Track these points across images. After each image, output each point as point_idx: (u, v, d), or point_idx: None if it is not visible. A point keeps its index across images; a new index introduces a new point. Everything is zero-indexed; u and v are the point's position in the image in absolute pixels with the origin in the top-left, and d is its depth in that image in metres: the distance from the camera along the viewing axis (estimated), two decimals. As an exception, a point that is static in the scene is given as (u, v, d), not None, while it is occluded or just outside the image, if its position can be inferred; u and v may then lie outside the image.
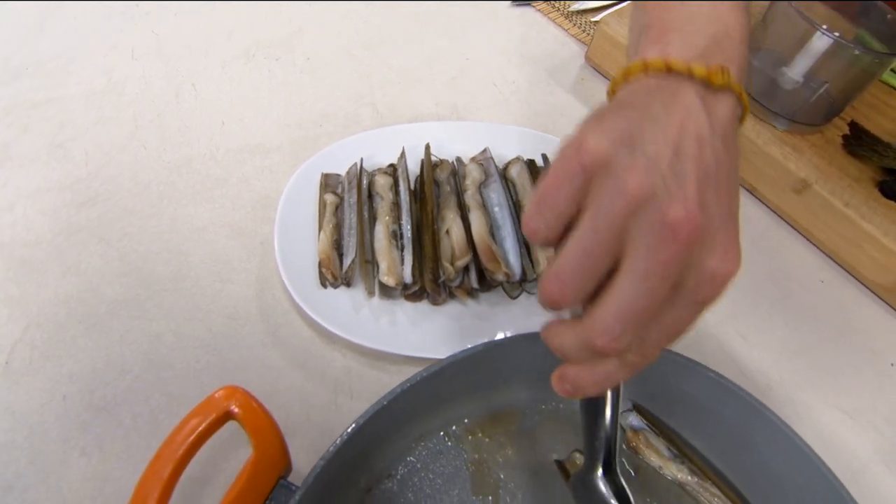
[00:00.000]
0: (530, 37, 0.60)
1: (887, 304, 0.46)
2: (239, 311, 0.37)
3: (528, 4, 0.63)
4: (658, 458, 0.32)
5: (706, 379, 0.31)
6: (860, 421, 0.40)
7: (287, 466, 0.26)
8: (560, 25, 0.62)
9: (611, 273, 0.20)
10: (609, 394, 0.24)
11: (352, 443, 0.26)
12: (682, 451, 0.32)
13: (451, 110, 0.51)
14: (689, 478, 0.31)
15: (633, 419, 0.33)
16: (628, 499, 0.25)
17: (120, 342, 0.35)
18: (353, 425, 0.26)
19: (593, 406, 0.25)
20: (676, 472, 0.32)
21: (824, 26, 0.44)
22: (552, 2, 0.63)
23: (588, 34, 0.60)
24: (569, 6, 0.63)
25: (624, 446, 0.33)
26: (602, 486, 0.25)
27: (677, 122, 0.20)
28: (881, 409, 0.40)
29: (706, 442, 0.33)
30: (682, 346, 0.26)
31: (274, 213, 0.38)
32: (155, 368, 0.34)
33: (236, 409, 0.25)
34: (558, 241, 0.21)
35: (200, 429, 0.25)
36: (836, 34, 0.44)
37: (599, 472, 0.25)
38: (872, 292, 0.46)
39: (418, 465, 0.32)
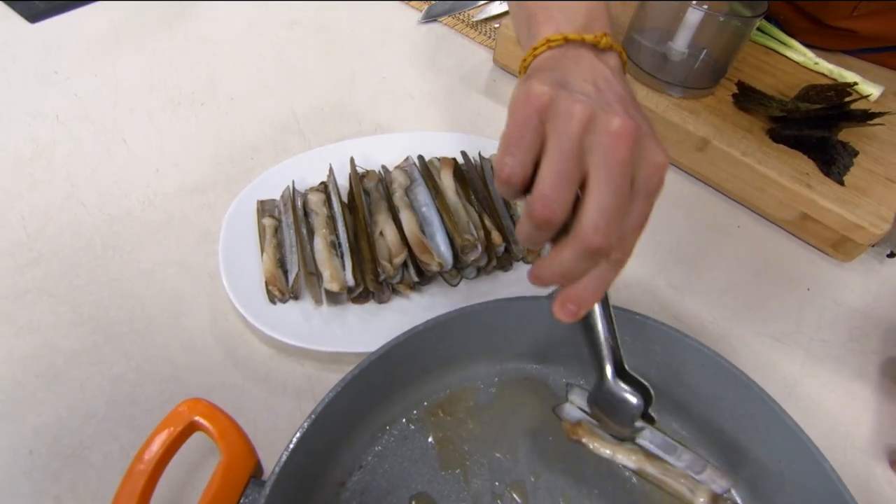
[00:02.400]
0: (441, 49, 0.64)
1: (795, 236, 0.50)
2: (196, 341, 0.38)
3: (435, 20, 0.67)
4: (606, 446, 0.32)
5: (648, 327, 0.34)
6: (788, 343, 0.44)
7: (257, 467, 0.28)
8: (466, 35, 0.66)
9: (582, 188, 0.24)
10: (599, 307, 0.28)
11: (313, 433, 0.28)
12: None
13: (374, 126, 0.54)
14: (645, 463, 0.32)
15: (570, 410, 0.32)
16: (645, 386, 0.28)
17: (81, 389, 0.35)
18: (312, 415, 0.28)
19: (591, 322, 0.28)
20: (630, 457, 0.31)
21: (694, 2, 0.49)
22: (456, 14, 0.68)
23: (493, 39, 0.65)
24: (472, 16, 0.67)
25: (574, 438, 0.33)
26: (619, 386, 0.28)
27: (588, 70, 0.27)
28: (805, 329, 0.44)
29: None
30: (619, 302, 0.29)
31: (216, 247, 0.40)
32: (120, 408, 0.35)
33: (200, 419, 0.27)
34: (527, 181, 0.25)
35: (168, 441, 0.26)
36: (705, 7, 0.49)
37: (610, 375, 0.28)
38: (782, 228, 0.51)
39: (386, 453, 0.34)
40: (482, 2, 0.69)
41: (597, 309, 0.28)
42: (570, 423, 0.32)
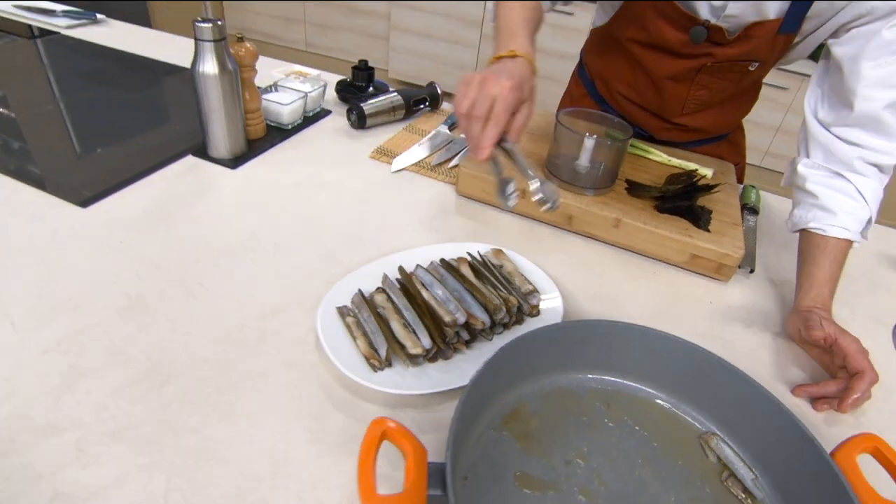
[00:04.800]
0: (414, 188, 0.85)
1: (690, 270, 0.74)
2: (321, 411, 0.50)
3: (403, 169, 0.89)
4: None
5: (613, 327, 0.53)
6: (709, 337, 0.64)
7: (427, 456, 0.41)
8: (428, 176, 0.88)
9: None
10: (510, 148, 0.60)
11: (456, 433, 0.42)
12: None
13: (390, 247, 0.71)
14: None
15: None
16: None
17: (249, 461, 0.46)
18: (454, 422, 0.42)
19: (511, 153, 0.61)
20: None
21: (586, 134, 0.76)
22: (417, 164, 0.90)
23: (448, 177, 0.88)
24: (430, 162, 0.91)
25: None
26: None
27: (502, 65, 0.61)
28: (717, 326, 0.66)
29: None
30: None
31: (310, 347, 0.54)
32: (283, 466, 0.45)
33: (388, 426, 0.40)
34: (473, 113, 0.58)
35: (374, 438, 0.39)
36: (595, 136, 0.76)
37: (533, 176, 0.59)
38: (681, 267, 0.74)
39: (486, 451, 0.47)
40: (432, 154, 0.93)
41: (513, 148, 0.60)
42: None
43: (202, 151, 0.88)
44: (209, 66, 0.78)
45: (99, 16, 1.44)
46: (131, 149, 0.88)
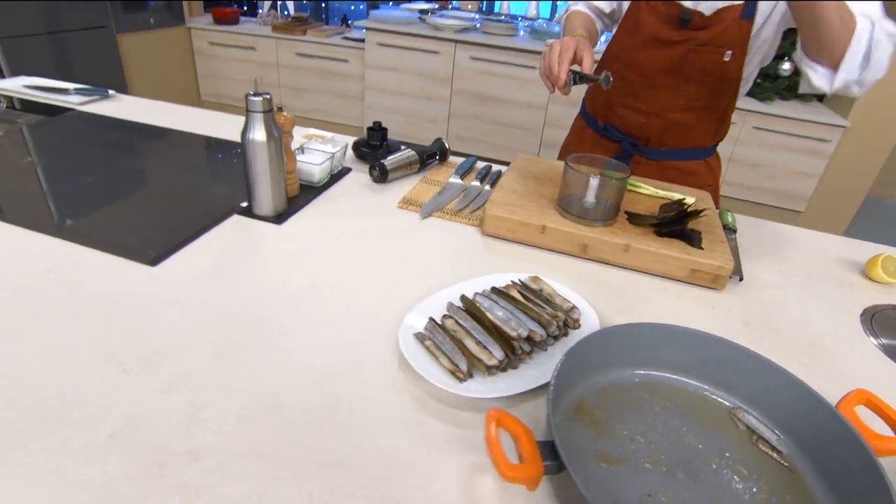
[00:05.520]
0: (444, 232, 0.96)
1: (692, 283, 0.87)
2: (420, 421, 0.59)
3: (430, 216, 1.01)
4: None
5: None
6: (725, 331, 0.77)
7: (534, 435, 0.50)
8: (454, 220, 1.00)
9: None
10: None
11: (556, 384, 0.51)
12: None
13: (440, 282, 0.82)
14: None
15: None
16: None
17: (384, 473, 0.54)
18: (550, 401, 0.52)
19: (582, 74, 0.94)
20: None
21: (591, 175, 0.90)
22: (441, 211, 1.02)
23: (470, 220, 1.00)
24: (453, 209, 1.03)
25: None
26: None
27: (570, 39, 0.94)
28: (723, 325, 0.78)
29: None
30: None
31: (393, 370, 0.64)
32: (400, 475, 0.54)
33: (501, 415, 0.50)
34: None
35: (493, 425, 0.48)
36: (599, 175, 0.90)
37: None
38: (683, 281, 0.88)
39: (563, 435, 0.57)
40: (451, 201, 1.05)
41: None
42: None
43: (247, 211, 0.97)
44: (259, 134, 0.89)
45: (110, 91, 1.53)
46: (178, 211, 0.97)
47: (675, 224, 0.90)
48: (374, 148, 1.20)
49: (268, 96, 0.88)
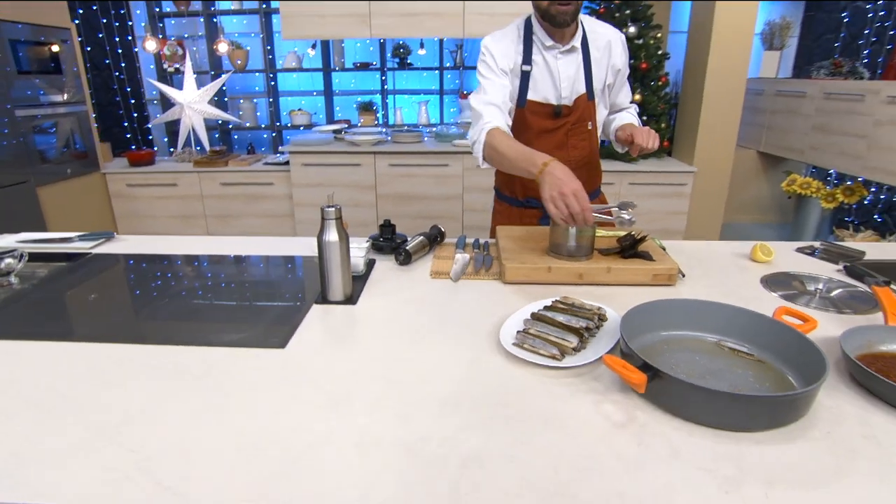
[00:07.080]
0: (475, 288, 1.29)
1: (655, 284, 1.27)
2: (534, 392, 0.89)
3: (459, 279, 1.33)
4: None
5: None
6: (686, 311, 1.16)
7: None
8: (477, 279, 1.33)
9: None
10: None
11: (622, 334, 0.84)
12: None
13: (500, 317, 1.13)
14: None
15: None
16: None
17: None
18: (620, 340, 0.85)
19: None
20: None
21: (570, 226, 1.29)
22: (466, 272, 1.35)
23: (489, 276, 1.34)
24: (471, 272, 1.36)
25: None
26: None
27: (557, 170, 1.22)
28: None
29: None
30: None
31: (501, 366, 0.93)
32: (552, 423, 0.83)
33: (611, 361, 0.82)
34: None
35: (609, 361, 0.80)
36: (574, 228, 1.30)
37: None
38: (650, 284, 1.28)
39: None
40: (468, 266, 1.39)
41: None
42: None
43: (322, 299, 1.23)
44: (332, 236, 1.18)
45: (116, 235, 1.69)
46: (265, 309, 1.19)
47: (632, 248, 1.32)
48: (388, 240, 1.51)
49: (338, 206, 1.18)
